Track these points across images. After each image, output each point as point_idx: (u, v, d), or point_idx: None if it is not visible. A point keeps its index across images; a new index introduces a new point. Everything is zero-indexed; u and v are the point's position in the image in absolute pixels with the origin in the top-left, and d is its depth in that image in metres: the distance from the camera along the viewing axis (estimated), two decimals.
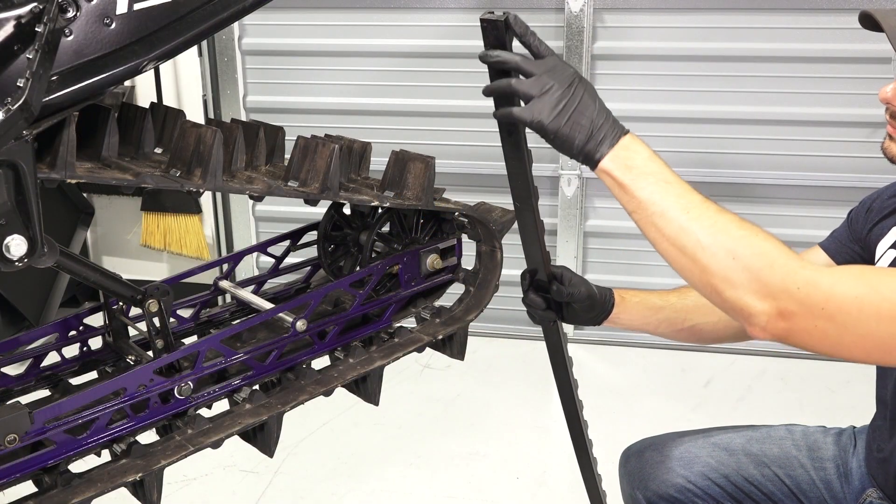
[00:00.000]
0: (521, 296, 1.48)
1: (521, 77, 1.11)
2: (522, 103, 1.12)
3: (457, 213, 1.51)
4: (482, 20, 1.11)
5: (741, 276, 1.04)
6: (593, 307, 1.47)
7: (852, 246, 1.54)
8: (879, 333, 1.03)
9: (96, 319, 1.40)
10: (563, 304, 1.45)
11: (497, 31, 1.11)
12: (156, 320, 1.26)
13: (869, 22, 1.32)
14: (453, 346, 1.56)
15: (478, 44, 1.16)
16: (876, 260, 1.45)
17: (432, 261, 1.52)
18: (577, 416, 1.61)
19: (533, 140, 1.20)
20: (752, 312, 1.05)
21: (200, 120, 1.91)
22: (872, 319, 1.03)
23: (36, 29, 0.90)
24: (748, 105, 3.13)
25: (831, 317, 1.03)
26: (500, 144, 1.26)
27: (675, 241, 1.08)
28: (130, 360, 1.34)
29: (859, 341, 1.05)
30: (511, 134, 1.22)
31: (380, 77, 3.35)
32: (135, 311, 1.30)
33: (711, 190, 3.18)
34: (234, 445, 1.32)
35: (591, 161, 1.11)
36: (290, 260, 1.64)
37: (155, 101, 1.38)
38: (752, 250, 1.05)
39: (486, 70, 1.18)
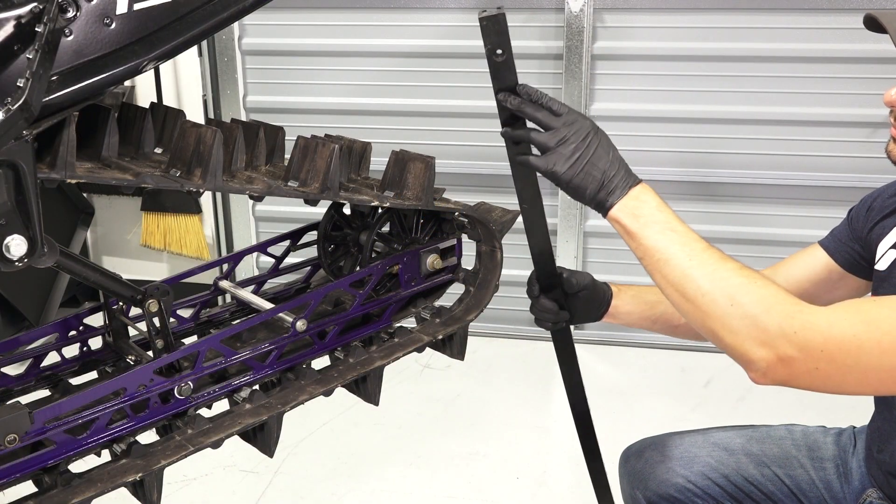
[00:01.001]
0: (523, 296, 1.49)
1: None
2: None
3: (457, 213, 1.51)
4: (481, 19, 1.13)
5: (740, 322, 1.06)
6: (595, 296, 1.53)
7: (852, 245, 1.54)
8: (883, 367, 1.04)
9: (96, 319, 1.39)
10: (568, 301, 1.48)
11: (498, 26, 1.14)
12: (156, 320, 1.26)
13: (873, 24, 1.32)
14: (453, 346, 1.56)
15: (478, 43, 1.17)
16: (876, 260, 1.45)
17: (432, 261, 1.51)
18: (589, 421, 1.61)
19: None
20: (752, 359, 1.06)
21: (200, 120, 1.91)
22: (874, 355, 1.03)
23: (36, 29, 0.90)
24: (748, 105, 3.12)
25: (832, 358, 1.04)
26: (500, 144, 1.26)
27: (678, 286, 1.12)
28: (130, 360, 1.33)
29: (863, 378, 1.05)
30: (519, 143, 1.24)
31: (380, 77, 3.35)
32: (135, 311, 1.30)
33: (711, 190, 3.19)
34: (234, 445, 1.32)
35: (603, 209, 1.18)
36: (290, 260, 1.64)
37: (155, 101, 1.38)
38: (750, 297, 1.06)
39: (486, 69, 1.19)
